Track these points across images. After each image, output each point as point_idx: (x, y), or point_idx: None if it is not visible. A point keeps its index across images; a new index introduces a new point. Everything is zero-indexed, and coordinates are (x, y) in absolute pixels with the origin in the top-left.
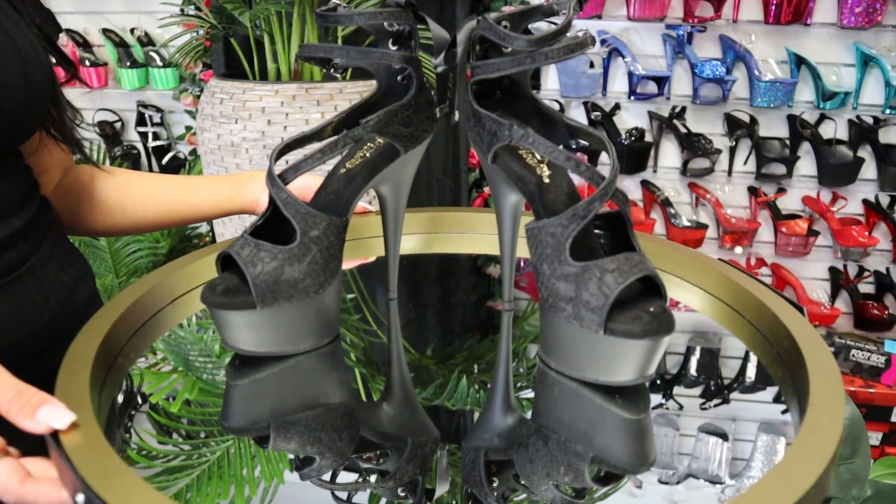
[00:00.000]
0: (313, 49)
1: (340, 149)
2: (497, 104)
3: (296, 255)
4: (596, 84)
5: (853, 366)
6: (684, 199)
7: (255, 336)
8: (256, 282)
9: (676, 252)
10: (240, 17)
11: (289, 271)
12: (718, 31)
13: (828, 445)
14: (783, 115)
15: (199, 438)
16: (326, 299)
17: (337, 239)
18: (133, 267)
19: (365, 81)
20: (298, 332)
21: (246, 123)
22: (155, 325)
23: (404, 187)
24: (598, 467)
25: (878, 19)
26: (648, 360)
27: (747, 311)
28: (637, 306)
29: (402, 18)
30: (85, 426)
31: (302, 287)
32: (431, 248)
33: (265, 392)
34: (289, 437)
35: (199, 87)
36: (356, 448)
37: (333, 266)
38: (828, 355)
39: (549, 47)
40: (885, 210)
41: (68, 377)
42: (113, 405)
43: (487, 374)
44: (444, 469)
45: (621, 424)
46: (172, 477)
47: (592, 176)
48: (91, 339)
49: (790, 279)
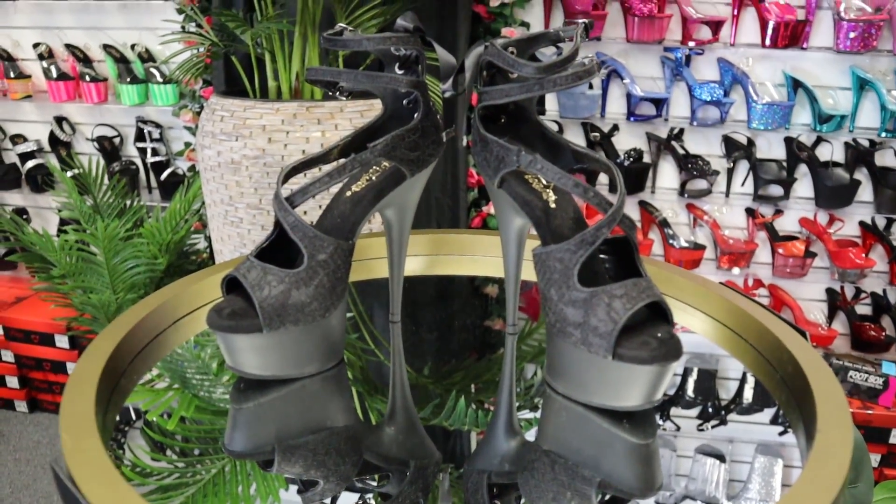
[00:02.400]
0: (320, 73)
1: (348, 172)
2: (502, 129)
3: (303, 278)
4: (594, 105)
5: (851, 387)
6: (682, 220)
7: (261, 360)
8: (263, 305)
9: (678, 276)
10: (241, 35)
11: (296, 295)
12: (716, 53)
13: (838, 473)
14: (780, 138)
15: (194, 456)
16: (332, 322)
17: (343, 262)
18: (130, 283)
19: (365, 101)
20: (304, 355)
21: (246, 141)
22: (158, 346)
23: (409, 210)
24: (604, 492)
25: (874, 44)
26: (656, 385)
27: (750, 335)
28: (645, 332)
29: (409, 43)
30: (90, 449)
31: (308, 311)
32: (433, 270)
33: (269, 416)
34: (293, 461)
35: (198, 104)
36: (360, 471)
37: (339, 289)
38: (833, 381)
39: (558, 74)
40: (881, 232)
41: (73, 399)
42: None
43: (485, 394)
44: (446, 491)
45: (629, 449)
46: (167, 495)
47: (600, 202)
48: (95, 361)
49: (787, 300)
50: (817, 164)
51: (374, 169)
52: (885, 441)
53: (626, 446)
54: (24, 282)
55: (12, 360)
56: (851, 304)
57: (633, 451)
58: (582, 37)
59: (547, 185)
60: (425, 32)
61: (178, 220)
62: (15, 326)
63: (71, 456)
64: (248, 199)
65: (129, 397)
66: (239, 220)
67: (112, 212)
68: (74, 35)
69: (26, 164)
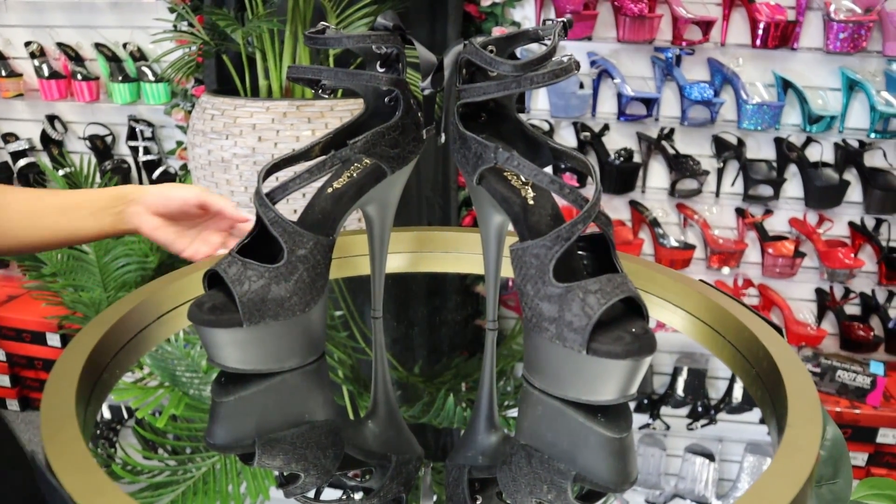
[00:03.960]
0: (301, 70)
1: (328, 169)
2: (483, 126)
3: (283, 273)
4: (585, 105)
5: (839, 387)
6: (672, 220)
7: (241, 354)
8: (243, 300)
9: (658, 273)
10: (232, 34)
11: (275, 290)
12: (707, 54)
13: (805, 465)
14: (770, 138)
15: (185, 454)
16: (312, 317)
17: (324, 258)
18: (122, 281)
19: (356, 100)
20: (284, 350)
21: (236, 140)
22: (141, 342)
23: (390, 207)
24: (580, 485)
25: (863, 45)
26: (630, 379)
27: (727, 331)
28: (619, 327)
29: (389, 41)
30: (71, 442)
31: (288, 305)
32: (418, 268)
33: (251, 409)
34: (274, 455)
35: (190, 103)
36: (341, 465)
37: (320, 285)
38: (806, 376)
39: (534, 72)
40: (870, 232)
41: (54, 392)
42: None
43: (474, 393)
44: (429, 487)
45: (604, 443)
46: (157, 493)
47: (576, 199)
48: (77, 356)
49: (777, 300)
50: (807, 164)
51: (355, 166)
52: (873, 440)
53: (601, 440)
54: (15, 280)
55: (4, 359)
56: (840, 303)
57: (608, 444)
58: (560, 35)
59: (525, 183)
60: (406, 31)
61: None
62: (6, 325)
63: (50, 446)
64: (238, 198)
65: (119, 395)
66: None
67: None
68: (66, 33)
69: (18, 162)
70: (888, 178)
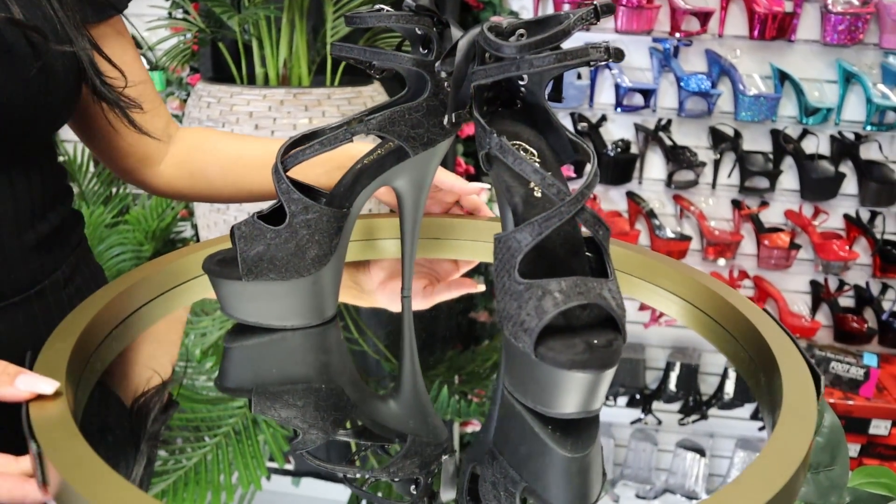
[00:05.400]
0: (347, 49)
1: (340, 141)
2: (517, 114)
3: (284, 236)
4: (583, 95)
5: (832, 378)
6: (669, 211)
7: (243, 306)
8: (244, 256)
9: (654, 260)
10: (228, 21)
11: (275, 250)
12: (704, 45)
13: (799, 449)
14: (767, 130)
15: (176, 444)
16: (317, 282)
17: (330, 227)
18: (116, 270)
19: (354, 88)
20: (284, 308)
21: (233, 128)
22: (131, 325)
23: (422, 189)
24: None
25: (860, 37)
26: (586, 394)
27: (721, 317)
28: (585, 335)
29: (416, 23)
30: (61, 423)
31: (287, 267)
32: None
33: (255, 360)
34: (270, 405)
35: (185, 91)
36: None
37: (322, 253)
38: (799, 358)
39: (535, 55)
40: (865, 225)
41: (42, 373)
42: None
43: (468, 385)
44: (451, 477)
45: (557, 459)
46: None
47: (558, 192)
48: (66, 339)
49: (772, 292)
50: (803, 156)
51: (387, 146)
52: (865, 431)
53: (553, 456)
54: None
55: None
56: (835, 295)
57: (561, 462)
58: (585, 18)
59: None
60: (436, 13)
61: (164, 208)
62: None
63: (40, 427)
64: None
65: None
66: (225, 207)
67: (98, 199)
68: None
69: None
70: (884, 170)
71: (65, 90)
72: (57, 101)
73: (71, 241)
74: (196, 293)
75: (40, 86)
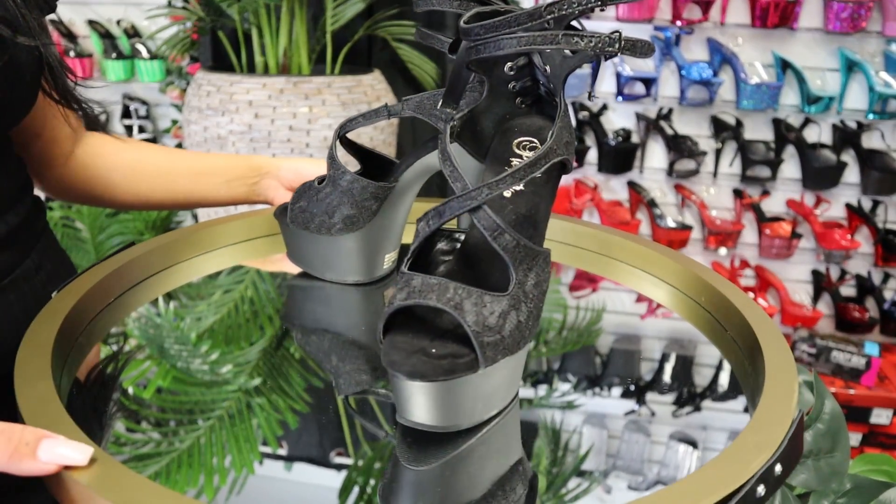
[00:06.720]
0: (429, 37)
1: (378, 117)
2: (536, 107)
3: (322, 196)
4: (584, 84)
5: (834, 367)
6: (670, 200)
7: (292, 251)
8: (292, 206)
9: (632, 242)
10: (228, 9)
11: (314, 207)
12: (706, 33)
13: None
14: (768, 119)
15: (169, 427)
16: (346, 243)
17: (362, 195)
18: None
19: (354, 77)
20: (320, 260)
21: (233, 116)
22: (119, 307)
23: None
24: None
25: (863, 25)
26: (423, 403)
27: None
28: (439, 342)
29: None
30: (48, 405)
31: (324, 223)
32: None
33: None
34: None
35: (185, 81)
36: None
37: (353, 218)
38: (780, 339)
39: (480, 40)
40: (867, 214)
41: (28, 356)
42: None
43: None
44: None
45: (400, 469)
46: (142, 464)
47: (464, 187)
48: (53, 319)
49: (773, 281)
50: (805, 145)
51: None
52: (867, 420)
53: (397, 461)
54: None
55: None
56: (836, 285)
57: (402, 472)
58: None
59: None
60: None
61: None
62: None
63: (25, 406)
64: None
65: (105, 364)
66: None
67: None
68: (58, 10)
69: None
70: (886, 159)
71: (28, 84)
72: (20, 95)
73: (36, 228)
74: (182, 276)
75: (6, 80)
